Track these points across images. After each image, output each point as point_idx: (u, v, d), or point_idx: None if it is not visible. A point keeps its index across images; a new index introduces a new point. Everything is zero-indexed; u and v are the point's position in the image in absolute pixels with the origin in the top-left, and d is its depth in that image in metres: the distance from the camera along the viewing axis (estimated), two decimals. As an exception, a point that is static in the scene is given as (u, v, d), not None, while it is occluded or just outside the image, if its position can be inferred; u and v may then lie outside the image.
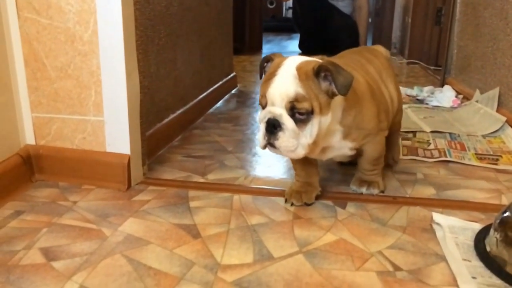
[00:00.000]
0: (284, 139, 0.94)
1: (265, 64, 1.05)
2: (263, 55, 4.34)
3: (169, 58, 1.61)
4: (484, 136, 1.68)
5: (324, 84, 0.94)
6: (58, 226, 1.01)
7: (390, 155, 1.36)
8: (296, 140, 0.94)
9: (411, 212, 1.10)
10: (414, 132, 1.73)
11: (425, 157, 1.47)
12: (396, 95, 1.27)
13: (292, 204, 1.12)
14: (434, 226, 1.02)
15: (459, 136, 1.68)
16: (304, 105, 0.92)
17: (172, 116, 1.66)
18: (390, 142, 1.32)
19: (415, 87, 2.46)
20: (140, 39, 1.23)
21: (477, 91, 2.12)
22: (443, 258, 0.91)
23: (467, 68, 2.41)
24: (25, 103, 1.19)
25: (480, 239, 0.94)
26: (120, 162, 1.19)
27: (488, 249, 0.90)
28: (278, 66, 0.96)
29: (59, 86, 1.17)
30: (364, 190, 1.18)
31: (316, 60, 0.98)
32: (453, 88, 2.37)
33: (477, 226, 1.00)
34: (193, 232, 1.01)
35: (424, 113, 2.02)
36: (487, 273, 0.85)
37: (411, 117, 1.94)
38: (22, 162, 1.18)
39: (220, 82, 2.36)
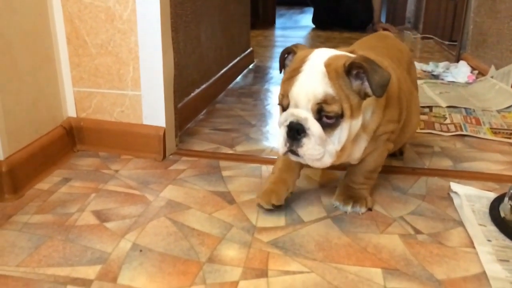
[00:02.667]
0: (309, 146, 0.82)
1: (286, 56, 0.93)
2: (276, 30, 4.34)
3: (194, 34, 1.67)
4: (498, 111, 1.74)
5: (356, 83, 0.83)
6: (105, 191, 1.11)
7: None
8: (322, 147, 0.82)
9: (430, 182, 1.18)
10: (430, 107, 1.79)
11: (441, 131, 1.54)
12: (416, 85, 1.20)
13: (261, 207, 1.02)
14: (452, 194, 1.10)
15: (474, 111, 1.74)
16: (334, 108, 0.80)
17: (197, 91, 1.73)
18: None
19: (431, 63, 2.50)
20: (172, 17, 1.29)
21: (492, 67, 2.16)
22: (460, 223, 0.99)
23: (483, 44, 2.43)
24: (67, 78, 1.27)
25: (494, 206, 1.02)
26: (156, 134, 1.27)
27: (502, 215, 0.98)
28: (302, 61, 0.84)
29: (99, 62, 1.25)
30: (349, 208, 1.02)
31: (346, 54, 0.87)
32: (468, 64, 2.40)
33: (492, 195, 1.08)
34: (228, 198, 1.09)
35: (439, 88, 2.07)
36: (501, 236, 0.93)
37: (427, 92, 1.99)
38: (65, 134, 1.27)
39: (239, 58, 2.42)
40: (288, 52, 0.92)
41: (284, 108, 0.86)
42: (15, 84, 1.08)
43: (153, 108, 1.27)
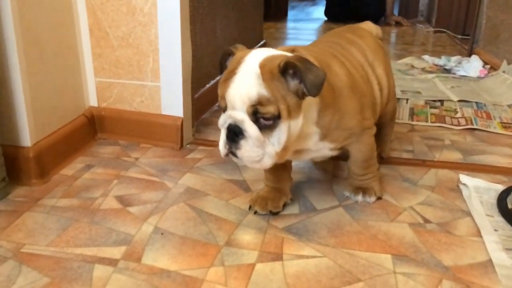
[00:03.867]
0: (247, 148, 0.81)
1: (226, 58, 0.90)
2: (288, 22, 4.35)
3: (210, 27, 1.71)
4: (509, 106, 1.76)
5: (293, 83, 0.80)
6: (126, 178, 1.16)
7: (379, 149, 1.19)
8: (261, 149, 0.81)
9: (439, 174, 1.21)
10: (441, 101, 1.81)
11: (452, 124, 1.56)
12: (386, 80, 1.12)
13: (255, 213, 1.01)
14: (461, 186, 1.14)
15: (485, 105, 1.76)
16: (269, 109, 0.78)
17: (212, 82, 1.77)
18: (381, 134, 1.20)
19: (443, 57, 2.51)
20: (190, 10, 1.33)
21: (505, 62, 2.17)
22: (468, 214, 1.03)
23: (496, 39, 2.44)
24: (89, 68, 1.32)
25: (502, 198, 1.05)
26: (174, 123, 1.32)
27: (509, 206, 1.01)
28: (238, 63, 0.81)
29: (120, 53, 1.29)
30: (359, 198, 1.05)
31: (283, 54, 0.84)
32: (481, 58, 2.41)
33: (500, 187, 1.11)
34: (244, 186, 1.14)
35: (451, 82, 2.09)
36: (507, 227, 0.97)
37: (439, 87, 2.01)
38: (87, 122, 1.32)
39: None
40: (228, 54, 0.89)
41: (223, 110, 0.84)
42: (41, 74, 1.12)
43: (171, 99, 1.31)
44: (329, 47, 1.04)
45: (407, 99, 1.82)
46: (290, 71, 0.79)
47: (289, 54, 0.84)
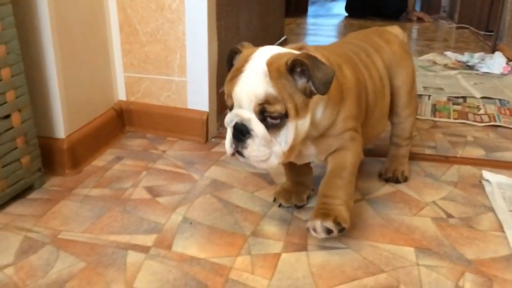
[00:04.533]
0: (253, 147, 0.79)
1: (233, 56, 0.88)
2: (309, 17, 4.35)
3: (234, 23, 1.74)
4: (534, 103, 1.74)
5: (301, 82, 0.79)
6: (155, 170, 1.20)
7: (400, 170, 1.15)
8: (268, 148, 0.79)
9: (462, 170, 1.22)
10: (464, 98, 1.81)
11: (475, 121, 1.56)
12: (405, 90, 1.10)
13: (280, 205, 1.03)
14: (483, 182, 1.14)
15: (508, 102, 1.75)
16: (276, 108, 0.77)
17: (235, 77, 1.80)
18: (400, 153, 1.17)
19: (466, 53, 2.49)
20: (216, 7, 1.36)
21: (529, 59, 2.14)
22: (491, 209, 1.04)
23: (521, 35, 2.41)
24: (119, 64, 1.36)
25: (526, 194, 1.06)
26: (200, 118, 1.35)
27: (533, 202, 1.02)
28: (245, 61, 0.80)
29: (148, 49, 1.33)
30: (328, 225, 0.85)
31: (290, 52, 0.82)
32: (504, 55, 2.38)
33: (524, 184, 1.11)
34: (268, 179, 1.17)
35: (474, 79, 2.08)
36: (530, 222, 0.98)
37: (462, 83, 2.00)
38: (116, 116, 1.37)
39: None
40: (235, 52, 0.87)
41: (229, 108, 0.83)
42: (74, 69, 1.17)
43: (197, 94, 1.35)
44: (352, 52, 1.02)
45: (429, 96, 1.82)
46: (298, 69, 0.77)
47: (297, 52, 0.82)
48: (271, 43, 2.43)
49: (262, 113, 0.78)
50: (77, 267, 0.84)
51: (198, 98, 1.35)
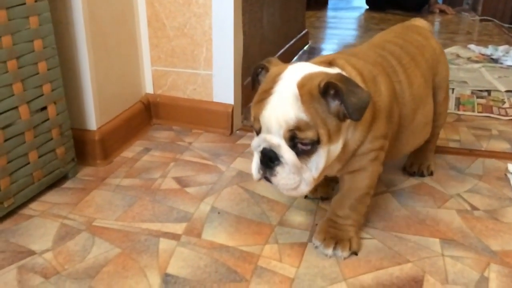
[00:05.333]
0: (283, 175, 0.75)
1: (259, 72, 0.84)
2: (329, 10, 4.32)
3: (257, 17, 1.75)
4: (560, 97, 1.72)
5: (334, 104, 0.73)
6: (182, 161, 1.23)
7: (426, 163, 1.15)
8: (298, 175, 0.75)
9: (487, 163, 1.22)
10: (488, 91, 1.79)
11: (499, 115, 1.55)
12: (445, 85, 1.09)
13: (306, 197, 1.04)
14: (509, 175, 1.14)
15: (534, 96, 1.73)
16: (308, 135, 0.72)
17: (258, 71, 1.82)
18: (427, 147, 1.14)
19: (490, 46, 2.46)
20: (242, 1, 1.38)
21: (556, 52, 2.11)
22: (516, 202, 1.04)
23: (547, 27, 2.36)
24: (146, 57, 1.40)
25: (552, 187, 1.05)
26: (225, 110, 1.38)
27: (559, 196, 1.01)
28: (274, 81, 0.75)
29: (175, 43, 1.36)
30: (329, 251, 0.87)
31: (323, 72, 0.76)
32: (530, 48, 2.35)
33: (550, 177, 1.11)
34: (293, 171, 1.19)
35: (498, 72, 2.05)
36: (557, 215, 0.98)
37: (486, 76, 1.99)
38: (143, 108, 1.40)
39: (295, 39, 2.48)
40: (261, 67, 0.83)
41: (256, 132, 0.78)
42: (105, 63, 1.21)
43: (223, 87, 1.37)
44: (393, 55, 0.95)
45: (453, 89, 1.81)
46: (331, 92, 0.72)
47: (329, 70, 0.78)
48: (293, 36, 2.44)
49: (293, 140, 0.73)
50: (112, 253, 0.87)
51: (224, 91, 1.38)
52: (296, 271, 0.83)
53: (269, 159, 0.75)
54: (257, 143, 0.77)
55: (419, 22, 1.16)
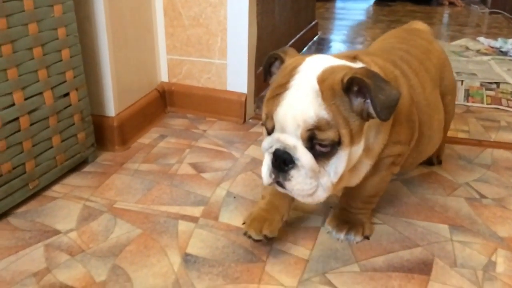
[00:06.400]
0: (298, 180, 0.67)
1: (272, 63, 0.77)
2: (337, 1, 4.31)
3: (270, 8, 1.77)
4: None
5: (357, 102, 0.67)
6: (197, 148, 1.27)
7: (435, 153, 1.09)
8: (315, 180, 0.68)
9: (495, 153, 1.25)
10: (497, 83, 1.81)
11: (508, 106, 1.57)
12: (452, 88, 1.04)
13: (249, 237, 0.85)
14: (517, 165, 1.17)
15: (543, 88, 1.75)
16: (329, 135, 0.65)
17: (269, 61, 1.84)
18: None
19: (499, 39, 2.46)
20: (256, -9, 1.41)
21: None
22: (523, 191, 1.07)
23: (557, 21, 2.36)
24: (162, 46, 1.43)
25: (559, 177, 1.08)
26: (238, 99, 1.41)
27: None
28: (291, 74, 0.69)
29: (191, 33, 1.39)
30: (342, 236, 0.88)
31: (345, 65, 0.70)
32: (540, 41, 2.35)
33: (557, 168, 1.14)
34: (305, 159, 1.22)
35: (507, 65, 2.07)
36: None
37: (495, 69, 2.00)
38: (159, 96, 1.44)
39: (305, 30, 2.49)
40: (275, 58, 0.76)
41: (268, 131, 0.70)
42: (124, 52, 1.24)
43: (236, 76, 1.40)
44: (403, 60, 0.88)
45: (462, 81, 1.83)
46: (355, 88, 0.66)
47: (353, 65, 0.71)
48: (303, 27, 2.46)
49: (311, 140, 0.66)
50: (134, 233, 0.91)
51: (237, 80, 1.40)
52: (310, 253, 0.87)
53: (283, 162, 0.67)
54: (268, 144, 0.69)
55: (419, 25, 1.10)
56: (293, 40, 2.23)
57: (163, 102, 1.47)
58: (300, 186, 0.68)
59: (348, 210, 0.90)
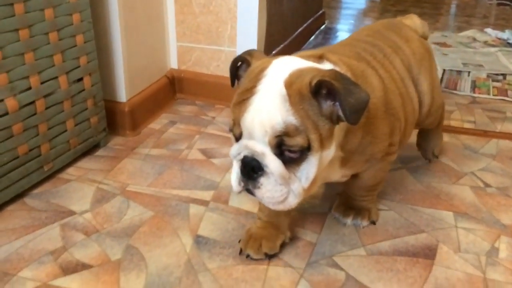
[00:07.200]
0: (268, 187, 0.65)
1: (239, 66, 0.75)
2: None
3: (278, -4, 1.78)
4: None
5: (326, 105, 0.64)
6: (206, 134, 1.29)
7: (430, 148, 1.14)
8: (285, 186, 0.66)
9: (500, 144, 1.27)
10: (504, 75, 1.82)
11: (514, 98, 1.59)
12: (430, 96, 0.96)
13: (248, 256, 0.83)
14: (521, 156, 1.19)
15: (549, 81, 1.76)
16: (298, 141, 0.62)
17: (277, 49, 1.85)
18: (431, 133, 1.13)
19: (506, 31, 2.46)
20: (266, -20, 1.41)
21: None
22: (527, 181, 1.09)
23: None
24: (172, 33, 1.44)
25: None
26: (247, 87, 1.43)
27: None
28: (257, 78, 0.66)
29: (201, 20, 1.40)
30: (349, 221, 0.92)
31: (313, 67, 0.67)
32: (547, 33, 2.35)
33: (561, 159, 1.15)
34: (312, 146, 1.24)
35: (514, 57, 2.07)
36: None
37: (502, 60, 2.00)
38: (168, 83, 1.46)
39: (312, 19, 2.49)
40: (241, 61, 0.74)
41: (236, 137, 0.68)
42: (135, 38, 1.26)
43: (245, 64, 1.41)
44: (368, 52, 0.86)
45: (469, 72, 1.83)
46: (324, 91, 0.63)
47: (319, 67, 0.69)
48: (310, 16, 2.46)
49: (279, 147, 0.63)
50: (146, 215, 0.94)
51: (246, 68, 1.42)
52: (318, 237, 0.89)
53: (252, 169, 0.65)
54: (236, 151, 0.67)
55: (410, 20, 1.04)
56: (300, 29, 2.23)
57: (173, 89, 1.48)
58: (270, 193, 0.65)
59: (353, 198, 0.93)
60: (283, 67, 0.66)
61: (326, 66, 0.71)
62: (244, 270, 0.81)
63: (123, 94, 1.24)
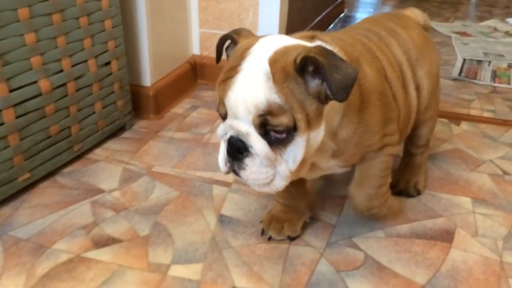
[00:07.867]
0: (253, 169, 0.63)
1: (225, 46, 0.72)
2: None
3: (299, -17, 1.79)
4: None
5: (313, 84, 0.61)
6: (228, 119, 1.32)
7: (412, 181, 1.00)
8: (271, 168, 0.63)
9: (520, 133, 1.27)
10: (525, 65, 1.81)
11: (535, 88, 1.58)
12: (428, 82, 0.90)
13: (270, 238, 0.85)
14: (541, 145, 1.19)
15: None
16: (282, 120, 0.60)
17: (296, 37, 1.87)
18: (413, 162, 1.01)
19: (529, 21, 2.43)
20: (288, -33, 1.42)
21: None
22: (546, 170, 1.10)
23: None
24: (195, 20, 1.46)
25: None
26: (267, 73, 1.45)
27: None
28: (242, 56, 0.63)
29: (223, 7, 1.43)
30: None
31: (300, 44, 0.65)
32: None
33: None
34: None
35: (536, 47, 2.05)
36: None
37: (523, 51, 1.99)
38: (190, 69, 1.48)
39: (331, 6, 2.49)
40: (228, 39, 0.70)
41: (222, 117, 0.66)
42: (160, 24, 1.28)
43: (266, 50, 1.43)
44: (362, 35, 0.84)
45: (490, 62, 1.83)
46: (310, 68, 0.60)
47: (308, 44, 0.65)
48: (329, 4, 2.46)
49: (264, 127, 0.61)
50: (172, 195, 0.98)
51: (267, 55, 1.44)
52: (337, 219, 0.92)
53: (237, 150, 0.64)
54: (223, 131, 0.66)
55: (410, 11, 1.02)
56: (319, 17, 2.24)
57: (194, 74, 1.51)
58: (255, 175, 0.64)
59: (357, 212, 0.87)
60: (268, 45, 0.64)
61: (316, 44, 0.68)
62: (266, 248, 0.84)
63: (147, 79, 1.27)
